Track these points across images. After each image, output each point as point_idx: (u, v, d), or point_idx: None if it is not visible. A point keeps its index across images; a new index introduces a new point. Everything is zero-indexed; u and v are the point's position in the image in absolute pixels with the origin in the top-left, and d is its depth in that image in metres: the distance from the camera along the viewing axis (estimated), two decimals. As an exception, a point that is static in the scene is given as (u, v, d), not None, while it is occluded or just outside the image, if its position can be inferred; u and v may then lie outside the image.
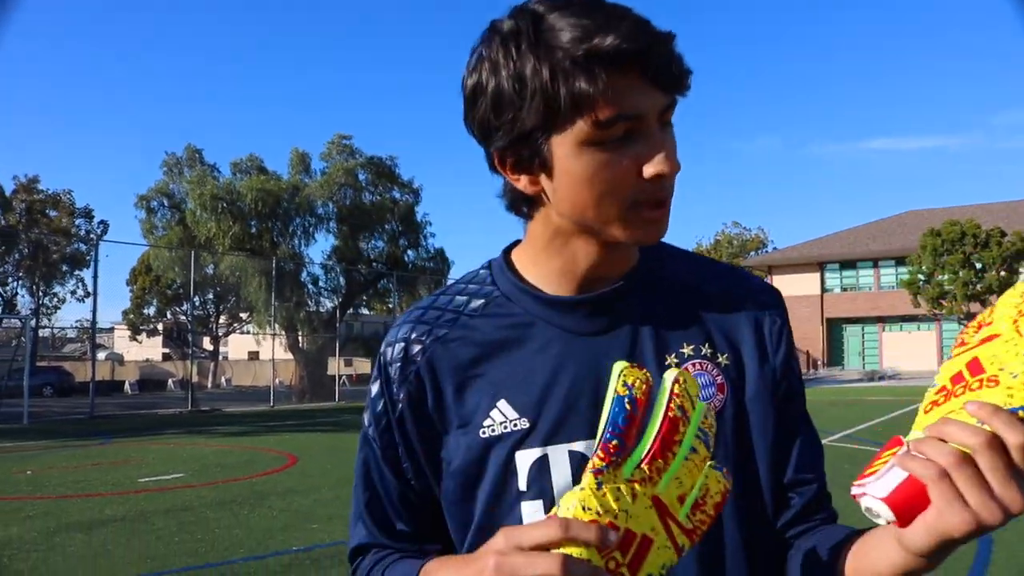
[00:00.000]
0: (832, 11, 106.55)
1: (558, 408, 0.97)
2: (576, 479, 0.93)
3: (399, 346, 1.05)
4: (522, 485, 0.96)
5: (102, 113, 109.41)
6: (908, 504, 0.72)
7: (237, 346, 61.09)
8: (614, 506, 0.74)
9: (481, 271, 1.11)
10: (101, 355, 48.06)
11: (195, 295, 33.21)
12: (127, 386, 43.33)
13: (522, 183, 0.97)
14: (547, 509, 0.94)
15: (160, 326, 54.80)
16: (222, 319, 51.74)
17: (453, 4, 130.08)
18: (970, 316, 35.60)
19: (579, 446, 0.96)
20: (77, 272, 42.22)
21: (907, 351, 46.30)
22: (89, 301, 26.61)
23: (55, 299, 44.69)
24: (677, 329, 1.03)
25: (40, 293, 42.40)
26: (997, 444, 0.69)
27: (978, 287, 35.33)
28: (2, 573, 6.03)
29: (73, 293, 44.45)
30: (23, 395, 22.19)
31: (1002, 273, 35.09)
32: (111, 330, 54.58)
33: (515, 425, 0.97)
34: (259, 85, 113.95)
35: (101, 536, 7.20)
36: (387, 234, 35.69)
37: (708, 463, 0.80)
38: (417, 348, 1.04)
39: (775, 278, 52.41)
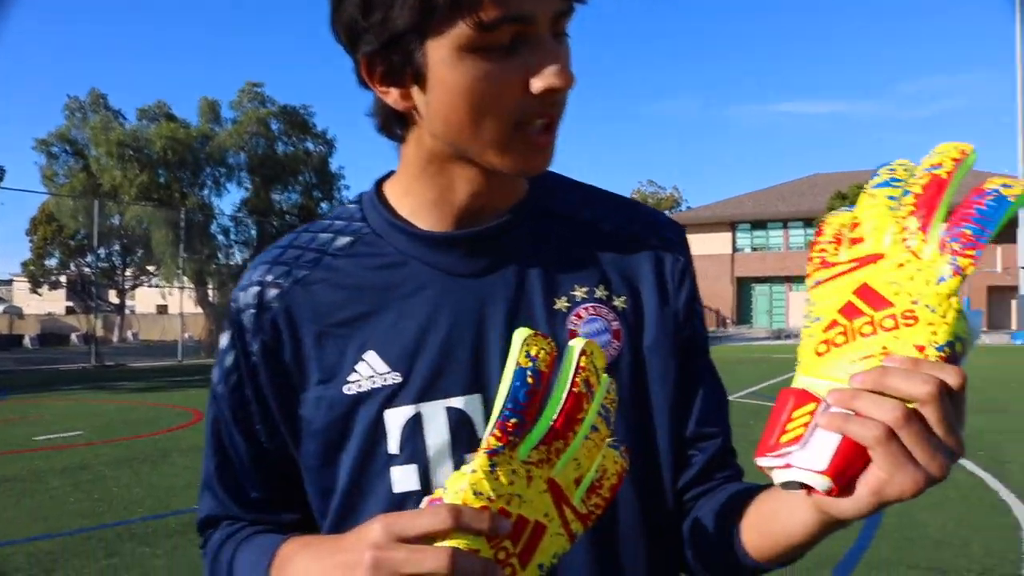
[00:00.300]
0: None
1: (433, 359, 0.87)
2: (455, 439, 0.86)
3: (253, 290, 0.93)
4: (392, 447, 0.86)
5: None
6: (847, 471, 0.64)
7: (144, 300, 59.13)
8: (507, 490, 0.68)
9: (351, 205, 0.99)
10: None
11: (100, 246, 31.78)
12: (27, 340, 41.56)
13: (392, 97, 0.85)
14: (421, 474, 0.86)
15: (63, 278, 52.69)
16: (128, 272, 49.87)
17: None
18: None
19: (457, 402, 0.86)
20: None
21: (812, 310, 47.78)
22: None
23: (-53, 249, 42.47)
24: (569, 269, 0.93)
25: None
26: (945, 392, 0.62)
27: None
28: None
29: (-34, 243, 42.22)
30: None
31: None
32: (9, 282, 52.33)
33: (384, 380, 0.87)
34: (167, 32, 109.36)
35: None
36: (300, 186, 34.77)
37: (607, 441, 0.74)
38: (274, 292, 0.92)
39: (688, 237, 53.30)
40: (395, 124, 0.89)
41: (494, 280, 0.91)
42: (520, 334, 0.70)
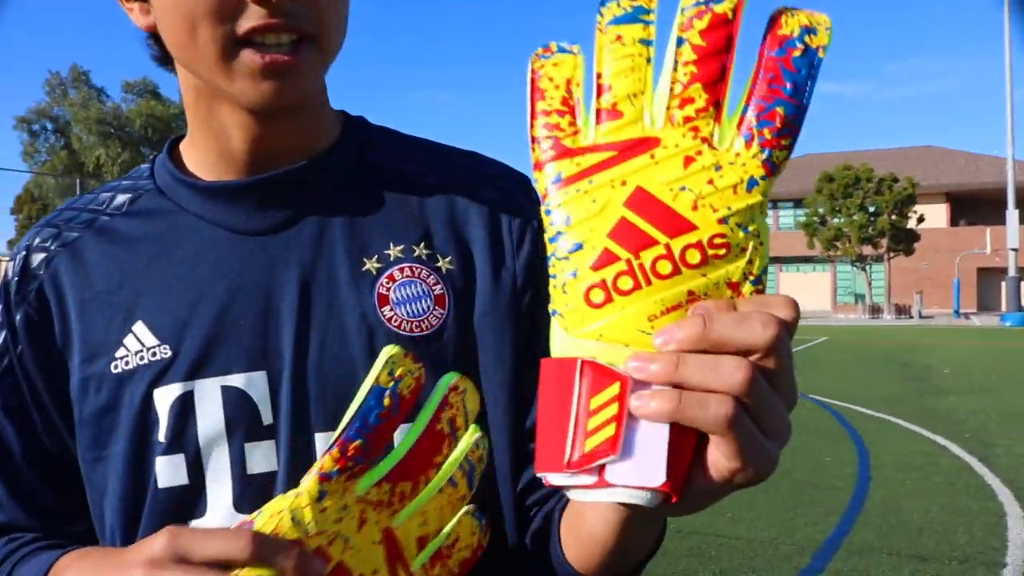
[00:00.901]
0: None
1: (208, 330, 0.73)
2: (231, 423, 0.71)
3: (20, 257, 0.78)
4: (160, 435, 0.72)
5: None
6: (681, 470, 0.48)
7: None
8: (333, 528, 0.55)
9: (144, 165, 0.84)
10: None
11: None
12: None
13: (135, 14, 0.72)
14: (189, 465, 0.72)
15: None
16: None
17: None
18: (862, 258, 37.04)
19: (236, 379, 0.72)
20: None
21: (802, 291, 47.82)
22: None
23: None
24: (383, 224, 0.78)
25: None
26: (787, 334, 0.47)
27: (870, 230, 36.54)
28: None
29: (-50, 221, 41.87)
30: None
31: (893, 216, 36.32)
32: (-4, 261, 52.13)
33: (154, 355, 0.73)
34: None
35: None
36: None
37: (467, 506, 0.61)
38: (40, 258, 0.79)
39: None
40: (162, 54, 0.77)
41: (288, 237, 0.77)
42: (387, 351, 0.56)
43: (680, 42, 0.49)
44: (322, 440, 0.71)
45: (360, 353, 0.72)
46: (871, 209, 37.01)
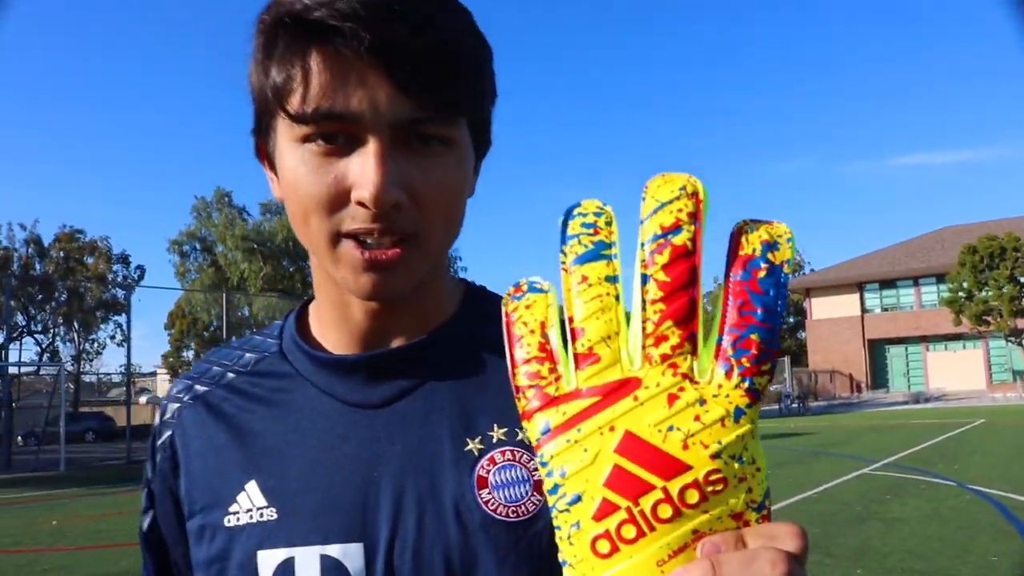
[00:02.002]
0: (851, 25, 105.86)
1: (313, 497, 0.75)
2: None
3: (163, 406, 0.86)
4: None
5: (138, 159, 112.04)
6: None
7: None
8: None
9: (277, 322, 0.90)
10: (143, 399, 48.32)
11: (230, 336, 33.35)
12: (167, 429, 43.55)
13: (273, 184, 0.80)
14: None
15: (199, 368, 55.32)
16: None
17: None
18: (1017, 332, 34.78)
19: (334, 550, 0.73)
20: (115, 318, 42.71)
21: (953, 371, 45.22)
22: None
23: (95, 345, 45.33)
24: (489, 405, 0.78)
25: (80, 339, 43.04)
26: (796, 564, 0.47)
27: (1022, 302, 34.41)
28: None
29: (112, 338, 44.99)
30: (60, 441, 22.43)
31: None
32: (153, 374, 55.10)
33: (261, 515, 0.76)
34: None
35: (110, 591, 7.09)
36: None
37: None
38: (174, 408, 0.85)
39: (813, 301, 51.69)
40: None
41: (395, 411, 0.78)
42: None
43: (645, 279, 0.49)
44: None
45: (455, 535, 0.73)
46: (1022, 280, 34.96)
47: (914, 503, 9.77)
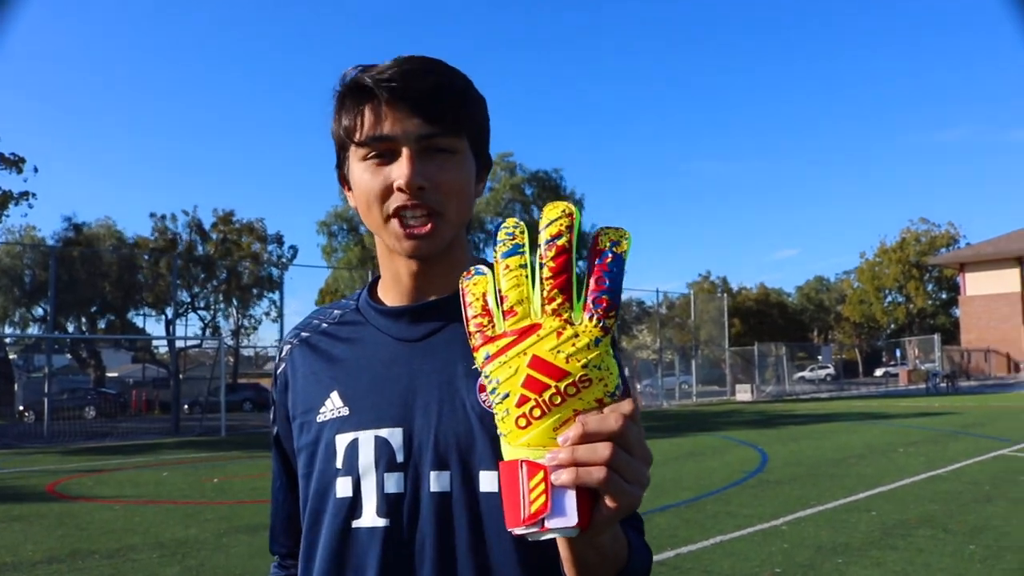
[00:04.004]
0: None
1: (372, 401, 1.13)
2: (377, 459, 1.09)
3: (280, 346, 1.29)
4: (339, 463, 1.12)
5: (294, 140, 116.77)
6: (586, 511, 0.78)
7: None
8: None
9: (356, 291, 1.32)
10: (294, 371, 50.61)
11: (374, 313, 34.76)
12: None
13: (350, 197, 1.19)
14: (354, 484, 1.10)
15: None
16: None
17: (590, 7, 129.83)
18: None
19: (384, 432, 1.10)
20: (269, 295, 44.94)
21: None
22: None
23: (252, 320, 47.98)
24: None
25: (238, 315, 45.72)
26: (630, 421, 0.77)
27: None
28: (175, 567, 6.74)
29: (267, 315, 47.48)
30: (221, 410, 24.15)
31: None
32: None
33: (339, 412, 1.14)
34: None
35: (263, 539, 7.72)
36: (554, 247, 36.12)
37: None
38: (287, 348, 1.26)
39: (968, 275, 48.83)
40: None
41: (428, 344, 1.16)
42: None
43: (541, 266, 0.79)
44: (432, 476, 1.07)
45: (462, 422, 1.08)
46: None
47: (1048, 485, 9.48)
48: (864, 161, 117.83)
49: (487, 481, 1.06)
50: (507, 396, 0.80)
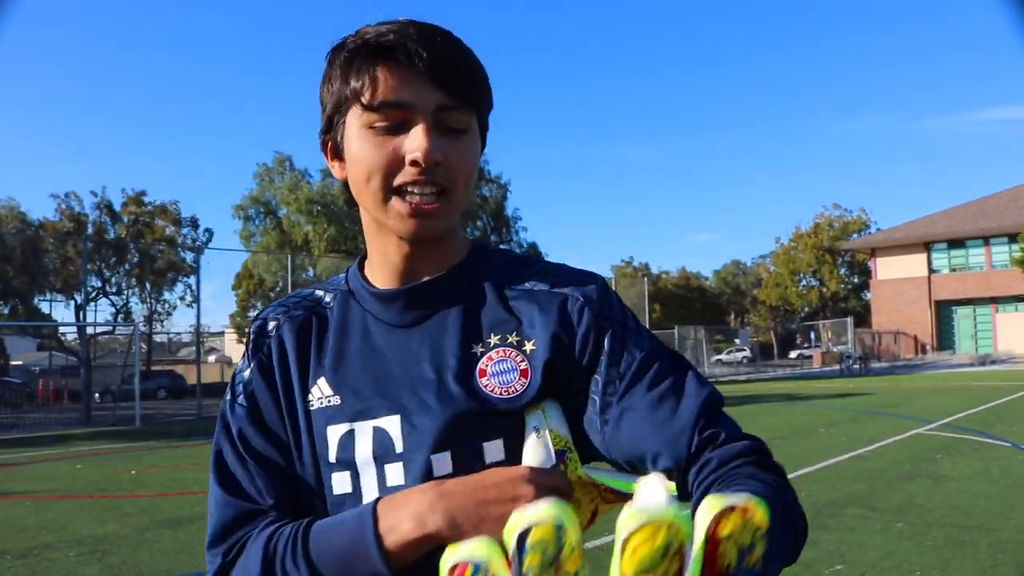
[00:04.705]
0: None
1: (366, 389, 1.05)
2: (376, 451, 1.01)
3: (259, 321, 1.17)
4: (332, 457, 1.04)
5: (205, 125, 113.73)
6: None
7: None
8: None
9: (342, 275, 1.21)
10: (211, 358, 49.83)
11: (295, 297, 34.29)
12: (236, 387, 44.70)
13: (336, 168, 1.09)
14: (352, 479, 1.02)
15: (265, 328, 56.42)
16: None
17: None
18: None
19: (382, 422, 1.03)
20: (184, 279, 43.88)
21: (1021, 332, 44.04)
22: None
23: (166, 306, 46.73)
24: (488, 322, 1.07)
25: (151, 300, 44.45)
26: None
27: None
28: (95, 566, 6.39)
29: (182, 299, 46.32)
30: (135, 398, 23.40)
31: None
32: (221, 334, 56.57)
33: (328, 401, 1.06)
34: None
35: (187, 533, 7.48)
36: (478, 230, 36.28)
37: None
38: (273, 324, 1.15)
39: (879, 260, 50.67)
40: (350, 196, 1.10)
41: (422, 329, 1.08)
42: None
43: None
44: (436, 460, 0.99)
45: (461, 404, 1.01)
46: (1098, 239, 33.83)
47: (965, 462, 9.83)
48: (780, 148, 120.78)
49: (492, 452, 1.01)
50: None
